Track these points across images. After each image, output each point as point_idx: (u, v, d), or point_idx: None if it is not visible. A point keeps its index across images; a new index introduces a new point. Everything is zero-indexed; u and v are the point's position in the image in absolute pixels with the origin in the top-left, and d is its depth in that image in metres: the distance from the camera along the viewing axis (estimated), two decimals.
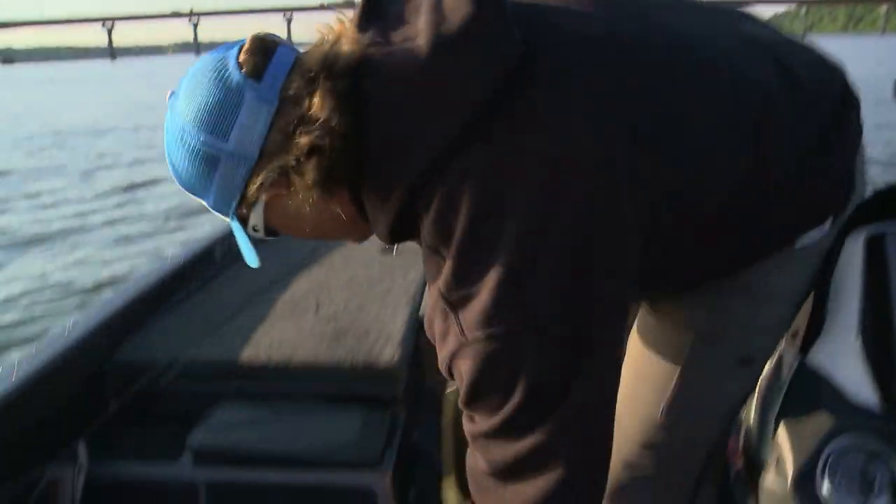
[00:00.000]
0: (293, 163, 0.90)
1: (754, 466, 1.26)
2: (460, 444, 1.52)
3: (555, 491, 0.89)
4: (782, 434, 1.18)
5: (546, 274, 0.85)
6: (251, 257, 1.03)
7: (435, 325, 0.95)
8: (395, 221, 0.93)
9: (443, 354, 0.94)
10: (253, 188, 0.94)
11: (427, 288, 1.01)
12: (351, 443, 1.71)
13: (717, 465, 1.30)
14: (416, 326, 2.16)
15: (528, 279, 0.85)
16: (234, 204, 0.97)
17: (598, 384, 0.91)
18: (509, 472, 0.92)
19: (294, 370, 1.91)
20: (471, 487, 0.99)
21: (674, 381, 1.14)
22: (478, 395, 0.91)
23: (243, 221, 1.00)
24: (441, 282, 0.90)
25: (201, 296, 2.41)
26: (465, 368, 0.90)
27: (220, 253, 2.68)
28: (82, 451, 1.72)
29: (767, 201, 1.00)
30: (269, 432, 1.76)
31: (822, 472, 1.13)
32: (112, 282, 5.76)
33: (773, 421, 1.21)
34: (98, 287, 5.77)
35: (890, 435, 1.13)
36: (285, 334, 2.05)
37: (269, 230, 1.02)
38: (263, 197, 0.95)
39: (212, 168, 0.93)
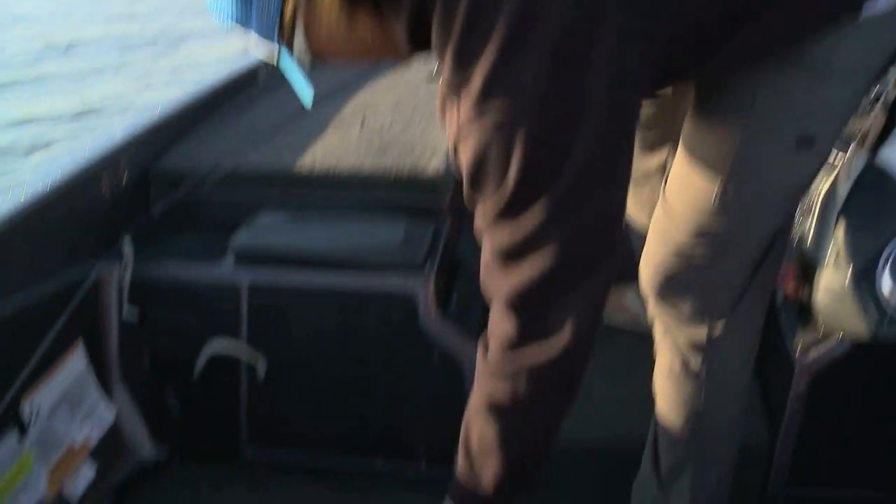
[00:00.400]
0: None
1: (810, 267, 1.23)
2: None
3: (552, 269, 0.95)
4: (844, 231, 1.14)
5: (536, 51, 0.87)
6: (305, 91, 1.07)
7: (444, 122, 1.01)
8: (410, 25, 0.97)
9: (449, 146, 0.99)
10: (288, 13, 0.99)
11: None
12: (394, 247, 1.71)
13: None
14: None
15: (518, 57, 0.88)
16: (275, 31, 1.00)
17: (588, 165, 0.92)
18: (510, 255, 0.97)
19: (339, 179, 1.89)
20: (481, 276, 1.05)
21: (729, 164, 1.10)
22: (476, 177, 0.95)
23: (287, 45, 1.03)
24: (445, 72, 0.94)
25: (245, 112, 2.39)
26: (464, 152, 0.94)
27: (263, 75, 2.64)
28: (128, 250, 1.73)
29: None
30: (312, 235, 1.76)
31: (883, 268, 1.10)
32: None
33: (834, 218, 1.17)
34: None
35: None
36: (330, 146, 2.03)
37: (314, 56, 1.05)
38: (300, 20, 1.00)
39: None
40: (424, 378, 1.71)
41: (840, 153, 1.26)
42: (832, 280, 1.15)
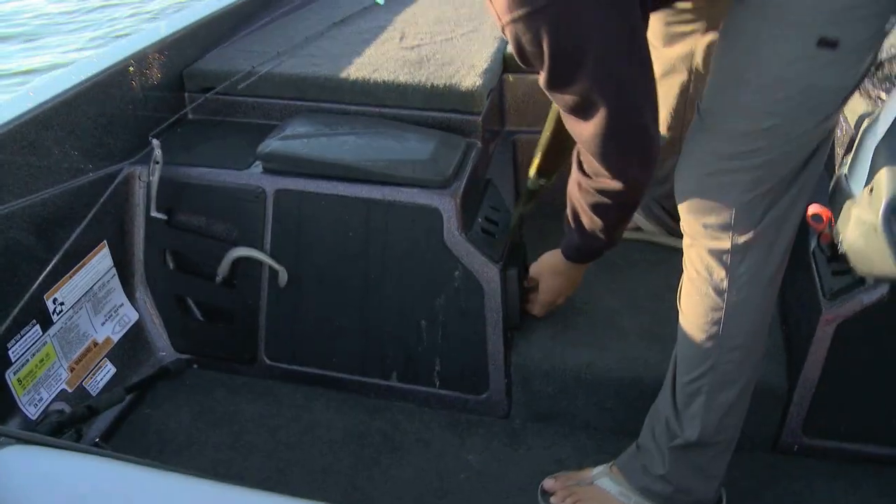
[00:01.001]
0: None
1: (844, 199, 1.18)
2: (555, 134, 1.66)
3: (602, 125, 1.22)
4: (881, 160, 1.08)
5: None
6: None
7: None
8: None
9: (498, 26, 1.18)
10: None
11: None
12: (422, 163, 1.67)
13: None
14: (503, 64, 2.07)
15: None
16: None
17: (606, 41, 1.15)
18: (574, 112, 1.24)
19: (372, 88, 1.86)
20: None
21: (759, 60, 1.15)
22: (524, 61, 1.18)
23: None
24: None
25: (285, 20, 2.35)
26: (509, 40, 1.16)
27: None
28: (158, 149, 1.73)
29: None
30: (342, 145, 1.74)
31: None
32: None
33: (872, 150, 1.11)
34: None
35: None
36: (367, 57, 1.99)
37: None
38: None
39: None
40: (444, 296, 1.70)
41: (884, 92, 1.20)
42: (864, 214, 1.09)
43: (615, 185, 1.33)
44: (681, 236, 1.95)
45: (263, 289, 1.78)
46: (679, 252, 1.99)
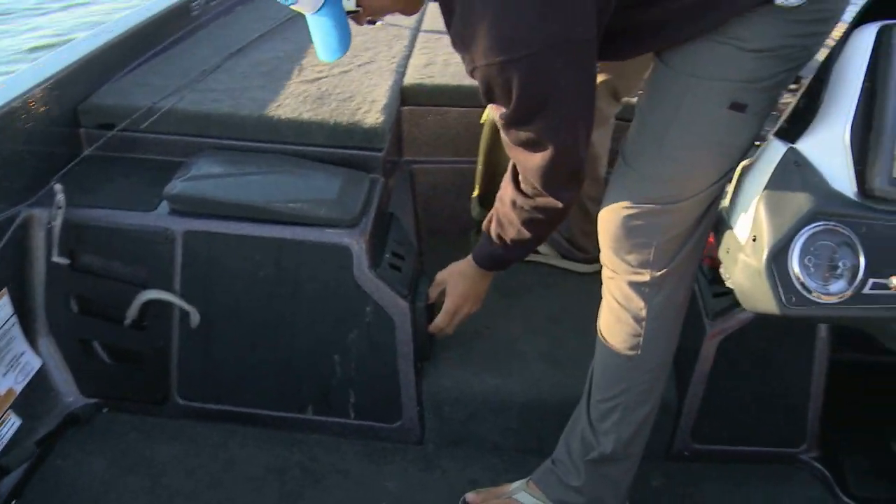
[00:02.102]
0: None
1: (727, 238, 1.31)
2: (488, 166, 1.83)
3: (549, 158, 1.33)
4: (762, 213, 1.21)
5: (524, 16, 1.18)
6: (341, 42, 1.33)
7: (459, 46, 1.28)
8: None
9: (465, 69, 1.29)
10: None
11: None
12: (330, 202, 1.72)
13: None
14: (399, 97, 2.14)
15: (508, 23, 1.19)
16: None
17: (565, 98, 1.27)
18: (525, 146, 1.35)
19: (276, 126, 1.89)
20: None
21: (677, 118, 1.33)
22: (489, 98, 1.30)
23: None
24: (453, 22, 1.26)
25: (177, 50, 2.34)
26: (477, 81, 1.27)
27: (196, 9, 2.58)
28: (59, 192, 1.70)
29: None
30: (249, 185, 1.76)
31: (795, 251, 1.18)
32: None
33: (755, 199, 1.24)
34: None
35: (860, 226, 1.18)
36: (267, 92, 2.01)
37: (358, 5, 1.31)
38: None
39: None
40: (357, 331, 1.75)
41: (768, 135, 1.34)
42: (749, 260, 1.23)
43: (553, 204, 1.44)
44: (574, 259, 2.09)
45: (174, 329, 1.78)
46: (571, 274, 2.12)
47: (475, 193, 2.09)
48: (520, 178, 1.47)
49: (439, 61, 2.33)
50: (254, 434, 1.80)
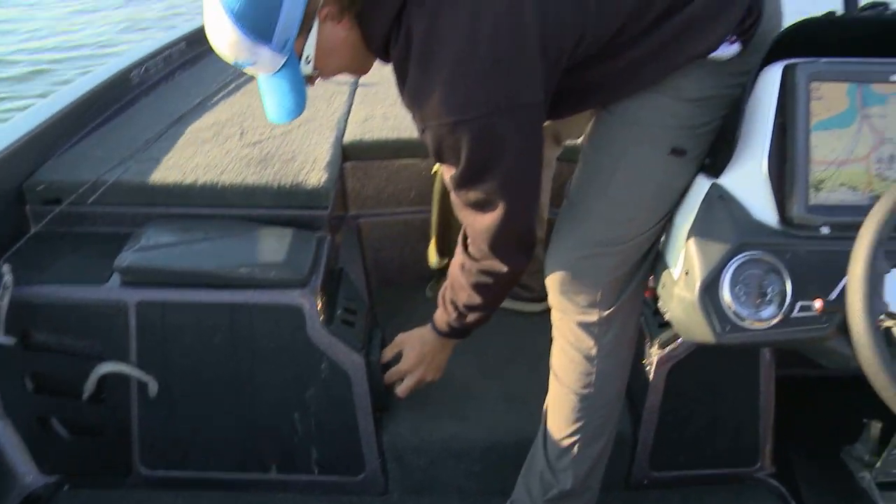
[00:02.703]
0: None
1: (668, 280, 1.37)
2: (442, 214, 1.85)
3: (497, 220, 1.36)
4: (692, 248, 1.28)
5: (476, 80, 1.23)
6: (296, 103, 1.35)
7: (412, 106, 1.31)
8: (383, 41, 1.30)
9: (416, 128, 1.33)
10: (311, 12, 1.26)
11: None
12: (279, 263, 1.75)
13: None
14: (341, 154, 2.19)
15: (459, 92, 1.23)
16: (296, 32, 1.26)
17: (515, 160, 1.31)
18: (474, 207, 1.38)
19: (222, 191, 1.92)
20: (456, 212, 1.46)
21: (620, 163, 1.41)
22: (439, 158, 1.34)
23: (298, 56, 1.31)
24: (407, 84, 1.29)
25: (120, 120, 2.36)
26: (427, 141, 1.31)
27: (136, 77, 2.61)
28: (6, 272, 1.70)
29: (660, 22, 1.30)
30: (199, 252, 1.79)
31: (725, 282, 1.25)
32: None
33: (685, 236, 1.31)
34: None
35: (784, 253, 1.25)
36: (211, 158, 2.04)
37: (316, 68, 1.35)
38: (316, 23, 1.27)
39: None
40: (314, 388, 1.78)
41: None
42: (683, 293, 1.29)
43: (500, 267, 1.47)
44: (522, 299, 2.14)
45: (133, 400, 1.79)
46: (521, 314, 2.17)
47: (432, 242, 2.12)
48: (468, 241, 1.50)
49: (378, 115, 2.39)
50: (219, 499, 1.81)
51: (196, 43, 3.07)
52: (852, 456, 1.83)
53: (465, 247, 1.52)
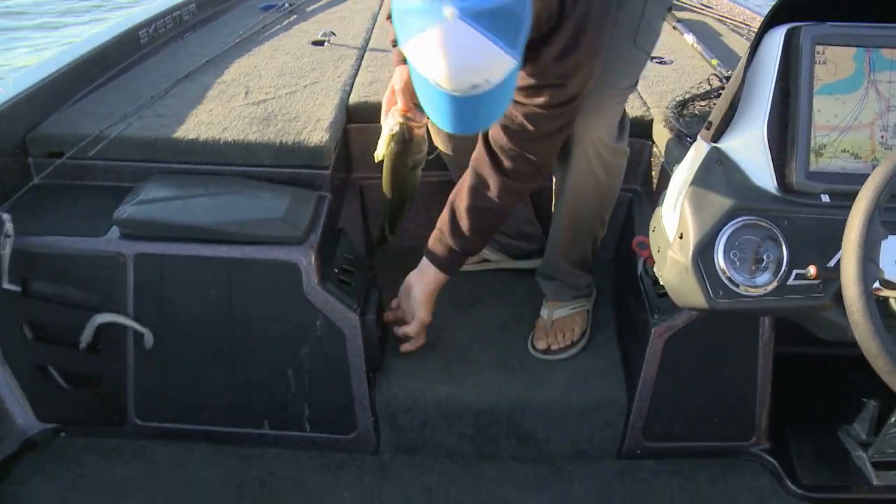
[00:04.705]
0: None
1: (662, 242, 1.36)
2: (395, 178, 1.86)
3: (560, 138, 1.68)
4: (688, 211, 1.26)
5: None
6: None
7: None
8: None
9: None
10: None
11: None
12: (277, 220, 1.75)
13: None
14: (346, 116, 2.18)
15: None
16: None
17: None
18: (554, 133, 1.66)
19: (223, 148, 1.92)
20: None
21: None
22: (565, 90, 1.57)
23: None
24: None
25: (126, 77, 2.36)
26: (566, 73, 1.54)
27: (145, 37, 2.61)
28: (7, 221, 1.71)
29: None
30: (198, 207, 1.79)
31: (720, 246, 1.23)
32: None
33: (681, 199, 1.29)
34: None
35: (782, 219, 1.23)
36: (214, 115, 2.04)
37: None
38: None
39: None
40: (308, 346, 1.78)
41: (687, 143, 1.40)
42: (677, 257, 1.27)
43: (536, 179, 1.72)
44: (525, 256, 2.16)
45: (129, 352, 1.80)
46: (520, 283, 2.16)
47: (386, 224, 2.09)
48: (509, 164, 1.67)
49: (384, 78, 2.37)
50: (212, 451, 1.81)
51: (207, 4, 3.06)
52: (849, 435, 1.82)
53: (503, 171, 1.69)
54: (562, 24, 1.46)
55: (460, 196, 1.76)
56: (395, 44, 1.74)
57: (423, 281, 1.85)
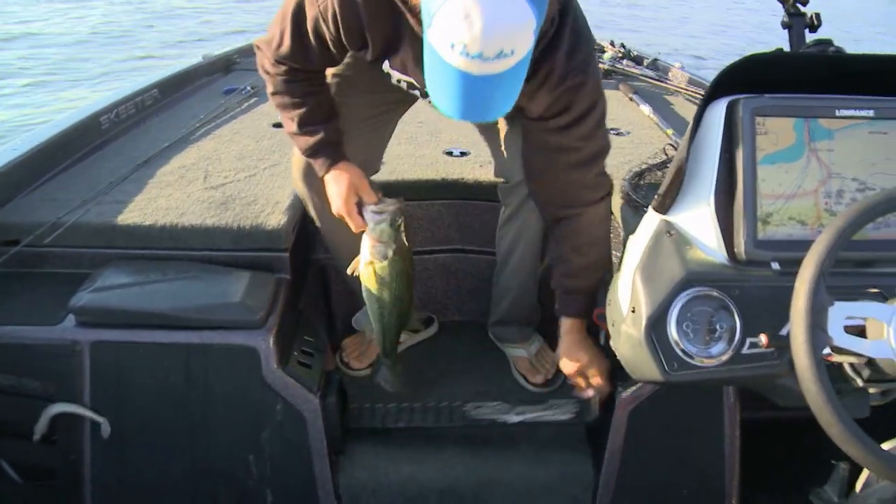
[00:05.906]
0: None
1: (616, 317, 1.35)
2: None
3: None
4: (639, 284, 1.26)
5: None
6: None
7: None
8: None
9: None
10: None
11: None
12: (235, 304, 1.74)
13: None
14: None
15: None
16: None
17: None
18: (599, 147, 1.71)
19: (181, 233, 1.91)
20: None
21: None
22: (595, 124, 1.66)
23: None
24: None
25: (87, 163, 2.36)
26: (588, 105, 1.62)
27: (106, 123, 2.61)
28: None
29: None
30: (155, 293, 1.77)
31: (672, 319, 1.23)
32: None
33: (633, 272, 1.29)
34: None
35: (733, 289, 1.24)
36: (173, 200, 2.04)
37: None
38: None
39: None
40: (269, 430, 1.75)
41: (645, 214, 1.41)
42: (630, 330, 1.27)
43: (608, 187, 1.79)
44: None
45: (86, 442, 1.75)
46: (487, 358, 2.13)
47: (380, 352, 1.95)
48: (602, 189, 1.75)
49: None
50: None
51: (169, 89, 3.09)
52: (821, 498, 1.80)
53: (602, 200, 1.75)
54: (563, 25, 1.51)
55: (573, 260, 1.77)
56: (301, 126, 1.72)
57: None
